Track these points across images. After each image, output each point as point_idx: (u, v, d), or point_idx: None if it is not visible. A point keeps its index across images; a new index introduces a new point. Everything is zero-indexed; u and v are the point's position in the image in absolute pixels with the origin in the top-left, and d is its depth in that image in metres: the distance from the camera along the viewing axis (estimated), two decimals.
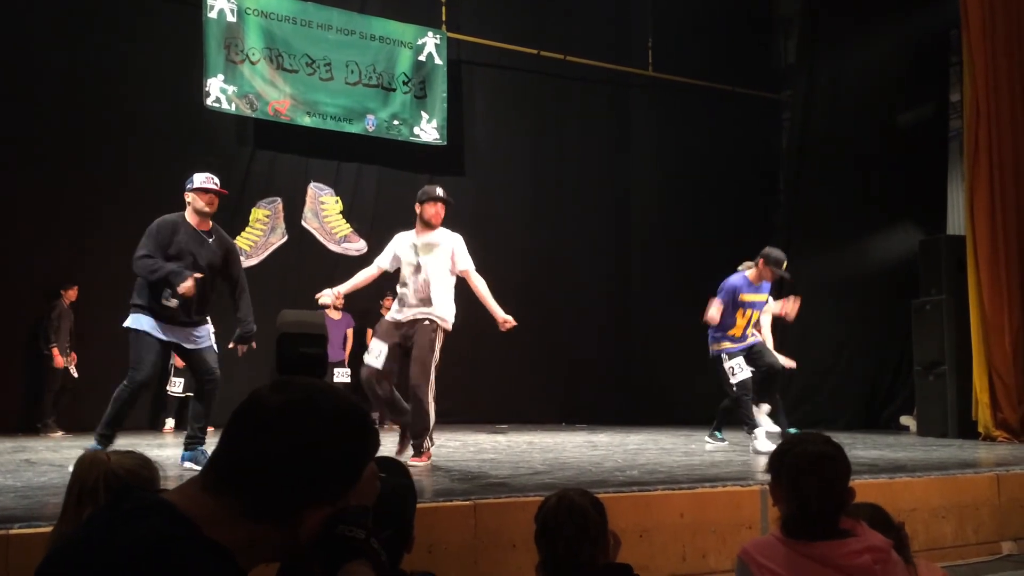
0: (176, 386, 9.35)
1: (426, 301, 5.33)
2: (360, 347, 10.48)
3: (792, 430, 7.48)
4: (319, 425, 1.11)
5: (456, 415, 10.82)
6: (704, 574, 3.75)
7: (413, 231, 5.57)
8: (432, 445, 5.38)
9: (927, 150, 10.49)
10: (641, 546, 3.67)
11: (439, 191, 5.58)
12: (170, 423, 9.36)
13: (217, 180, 5.45)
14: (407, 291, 5.41)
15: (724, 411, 7.41)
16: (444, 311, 5.38)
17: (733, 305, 6.65)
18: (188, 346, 5.07)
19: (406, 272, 5.47)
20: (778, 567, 1.83)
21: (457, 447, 6.94)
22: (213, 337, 5.30)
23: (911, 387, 9.44)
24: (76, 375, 9.16)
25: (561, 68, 11.71)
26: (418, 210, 5.54)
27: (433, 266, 5.39)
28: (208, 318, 5.26)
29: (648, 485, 4.11)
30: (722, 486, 4.18)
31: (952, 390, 8.50)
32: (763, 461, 5.80)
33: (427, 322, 5.29)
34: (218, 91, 9.71)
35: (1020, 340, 7.95)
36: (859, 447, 6.72)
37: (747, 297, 6.64)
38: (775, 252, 6.74)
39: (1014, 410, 7.86)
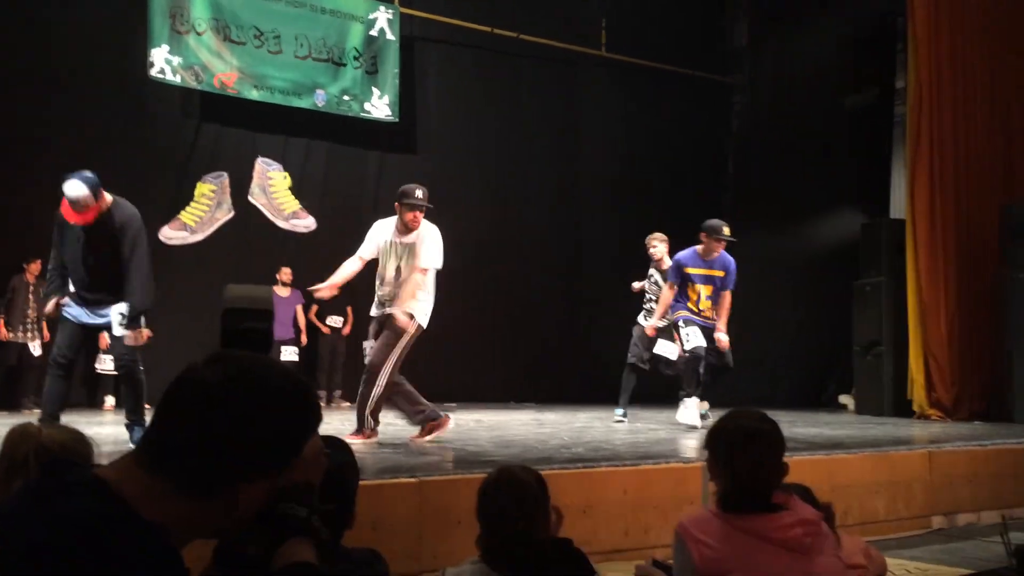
0: (105, 363, 9.19)
1: (402, 299, 5.35)
2: (312, 325, 10.39)
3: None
4: (254, 400, 1.08)
5: None
6: (646, 548, 3.82)
7: (394, 226, 5.52)
8: (376, 426, 5.38)
9: (872, 135, 10.71)
10: (585, 522, 3.73)
11: (419, 194, 5.46)
12: (109, 400, 9.18)
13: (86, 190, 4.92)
14: (385, 290, 5.46)
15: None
16: (418, 308, 5.40)
17: (682, 279, 6.71)
18: (88, 321, 5.01)
19: (387, 271, 5.47)
20: (713, 541, 1.88)
21: (404, 425, 6.94)
22: (119, 319, 5.04)
23: (850, 366, 9.68)
24: (37, 353, 8.87)
25: (514, 46, 11.66)
26: (397, 209, 5.47)
27: (410, 268, 5.41)
28: (119, 300, 5.03)
29: (593, 462, 4.16)
30: (665, 463, 4.26)
31: (889, 370, 8.74)
32: (693, 434, 5.92)
33: (401, 316, 5.30)
34: (163, 62, 9.48)
35: (955, 322, 8.19)
36: (798, 424, 6.88)
37: (692, 271, 6.68)
38: (711, 221, 6.78)
39: (947, 390, 8.12)
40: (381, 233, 5.57)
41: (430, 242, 5.48)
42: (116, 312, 4.96)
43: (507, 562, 1.96)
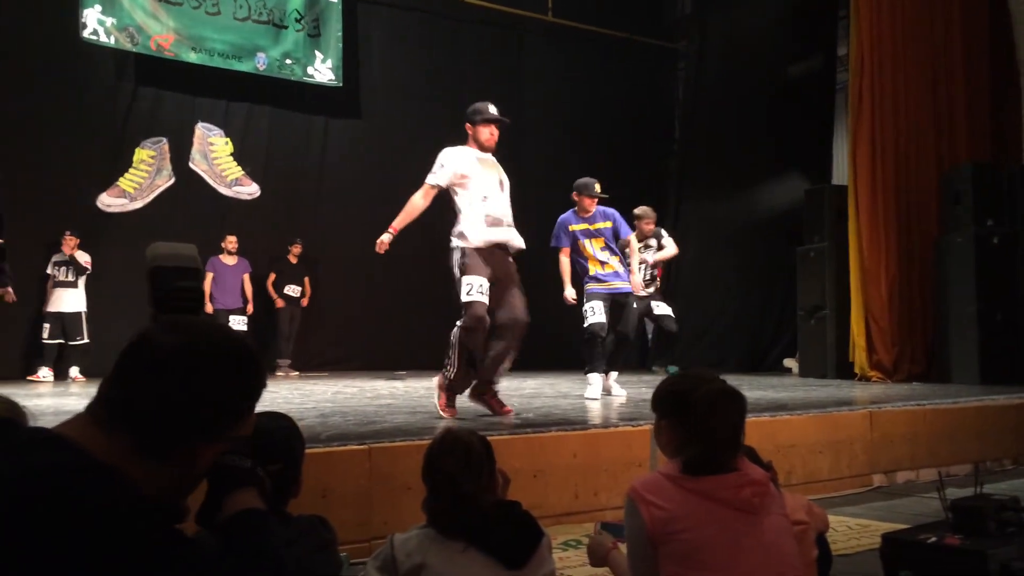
0: (45, 332, 8.95)
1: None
2: (261, 296, 10.21)
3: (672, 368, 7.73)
4: (212, 365, 1.13)
5: (355, 361, 10.75)
6: (596, 510, 3.85)
7: (470, 152, 5.11)
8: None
9: (815, 102, 10.82)
10: (535, 486, 3.74)
11: (493, 109, 5.12)
12: (43, 372, 8.89)
13: None
14: (499, 208, 5.00)
15: (660, 345, 7.62)
16: None
17: (571, 240, 6.63)
18: None
19: (490, 189, 5.01)
20: (664, 502, 1.88)
21: (355, 392, 6.90)
22: None
23: (794, 331, 9.86)
24: None
25: (459, 10, 11.51)
26: (469, 131, 5.15)
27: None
28: None
29: (542, 427, 4.18)
30: (613, 427, 4.29)
31: (832, 333, 8.92)
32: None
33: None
34: (95, 23, 9.17)
35: (895, 286, 8.37)
36: (744, 388, 6.92)
37: (577, 227, 6.59)
38: (582, 179, 6.66)
39: (888, 352, 8.31)
40: (461, 157, 5.06)
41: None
42: None
43: (454, 525, 1.95)
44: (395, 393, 6.90)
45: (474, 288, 4.68)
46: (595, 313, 6.39)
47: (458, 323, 4.77)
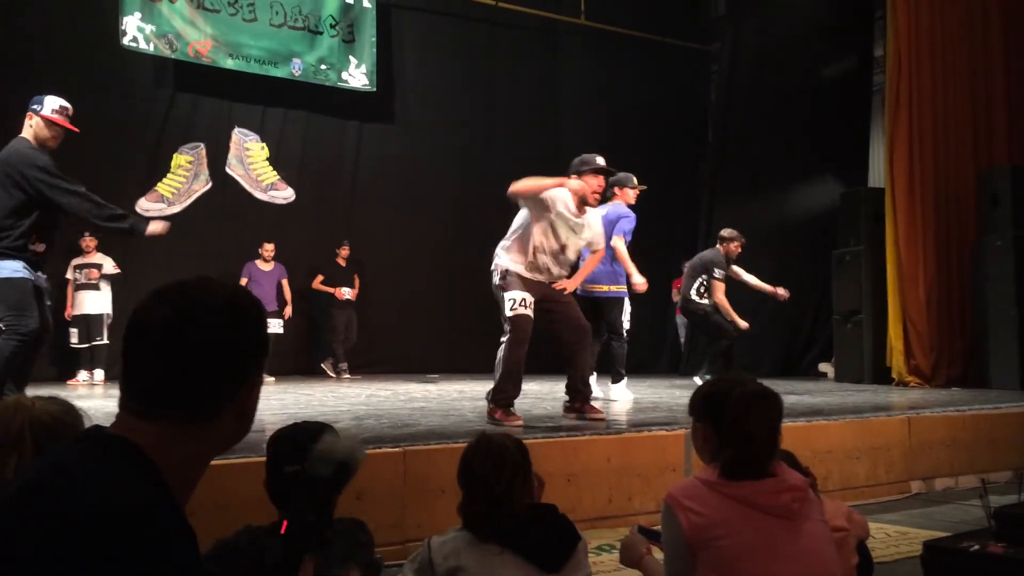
0: (73, 337, 9.08)
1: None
2: (298, 298, 10.29)
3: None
4: (208, 314, 1.13)
5: (388, 364, 10.81)
6: (629, 515, 3.84)
7: (568, 199, 4.81)
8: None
9: (851, 104, 10.71)
10: (569, 490, 3.74)
11: (601, 161, 4.88)
12: (83, 375, 9.05)
13: (71, 109, 4.72)
14: (555, 269, 4.95)
15: (716, 354, 7.57)
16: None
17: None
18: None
19: (553, 245, 4.86)
20: (702, 508, 1.87)
21: (388, 396, 6.94)
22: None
23: (830, 335, 9.75)
24: None
25: (493, 14, 11.54)
26: (578, 180, 4.83)
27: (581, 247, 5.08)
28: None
29: (576, 431, 4.17)
30: (647, 431, 4.28)
31: (868, 338, 8.81)
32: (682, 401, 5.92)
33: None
34: (135, 30, 9.31)
35: (933, 290, 8.26)
36: (779, 392, 6.91)
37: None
38: (620, 174, 6.37)
39: (926, 356, 8.19)
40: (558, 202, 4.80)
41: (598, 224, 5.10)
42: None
43: (489, 528, 1.95)
44: (428, 396, 6.93)
45: (516, 302, 4.69)
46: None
47: (502, 339, 4.76)
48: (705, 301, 7.56)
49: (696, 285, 7.63)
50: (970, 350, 8.34)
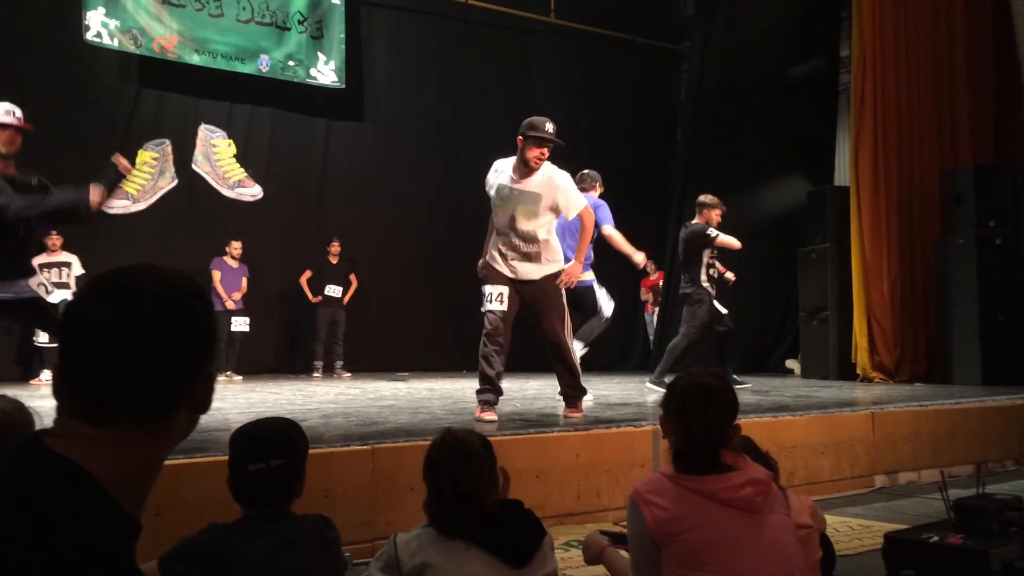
0: (41, 336, 8.95)
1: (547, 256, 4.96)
2: (256, 295, 10.22)
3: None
4: (154, 305, 1.02)
5: (358, 363, 10.76)
6: (597, 511, 3.86)
7: (511, 167, 4.94)
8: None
9: (818, 103, 10.82)
10: (537, 486, 3.75)
11: (550, 128, 4.93)
12: (46, 375, 8.93)
13: (19, 112, 4.53)
14: (518, 245, 4.90)
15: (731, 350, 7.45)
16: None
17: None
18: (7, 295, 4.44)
19: (503, 219, 4.92)
20: (666, 503, 1.89)
21: (357, 394, 6.91)
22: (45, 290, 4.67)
23: (796, 332, 9.85)
24: None
25: (463, 12, 11.53)
26: (520, 144, 4.93)
27: (532, 216, 4.98)
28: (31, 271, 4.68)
29: (545, 427, 4.18)
30: (616, 427, 4.30)
31: (834, 334, 8.92)
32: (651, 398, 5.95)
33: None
34: (99, 25, 9.19)
35: (897, 287, 8.37)
36: (749, 389, 6.98)
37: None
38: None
39: (890, 353, 8.31)
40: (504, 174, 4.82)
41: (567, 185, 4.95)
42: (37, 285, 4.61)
43: (455, 524, 1.95)
44: (397, 394, 6.91)
45: (492, 297, 4.72)
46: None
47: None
48: (708, 285, 7.26)
49: (705, 262, 7.29)
50: (933, 346, 8.47)
